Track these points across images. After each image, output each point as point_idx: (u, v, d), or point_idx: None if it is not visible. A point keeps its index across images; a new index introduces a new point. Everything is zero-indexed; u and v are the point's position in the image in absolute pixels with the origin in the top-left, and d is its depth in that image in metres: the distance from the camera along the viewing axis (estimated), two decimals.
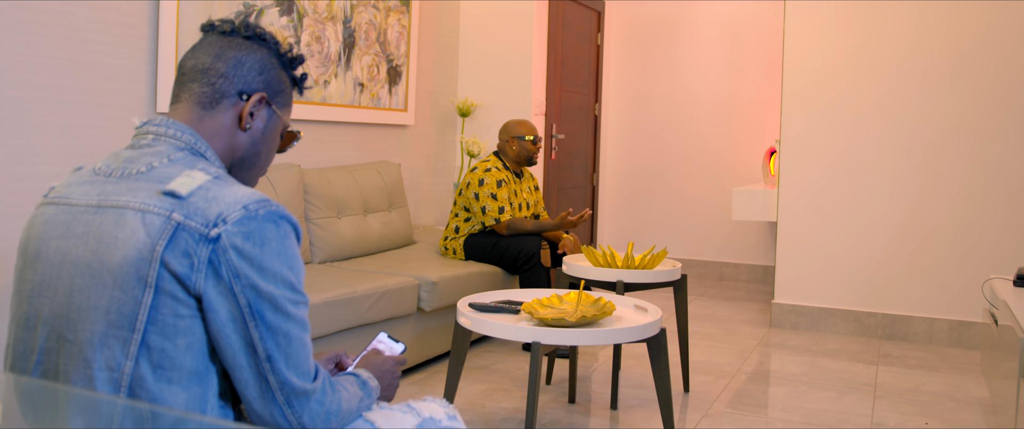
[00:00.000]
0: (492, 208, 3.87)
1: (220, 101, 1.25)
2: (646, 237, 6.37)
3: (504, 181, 3.94)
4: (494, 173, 3.93)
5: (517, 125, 4.06)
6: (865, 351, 4.05)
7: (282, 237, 1.14)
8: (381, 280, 3.18)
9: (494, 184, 3.89)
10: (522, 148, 4.03)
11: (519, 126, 4.05)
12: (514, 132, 4.05)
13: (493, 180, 3.90)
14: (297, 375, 1.15)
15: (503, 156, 4.08)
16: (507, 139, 4.06)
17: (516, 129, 4.05)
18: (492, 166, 3.96)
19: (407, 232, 4.22)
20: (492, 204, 3.87)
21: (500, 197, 3.88)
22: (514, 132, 4.05)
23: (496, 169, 3.96)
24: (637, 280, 3.09)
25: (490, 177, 3.91)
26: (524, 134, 4.03)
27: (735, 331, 4.42)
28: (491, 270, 3.83)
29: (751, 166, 6.00)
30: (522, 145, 4.03)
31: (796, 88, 4.46)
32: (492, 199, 3.88)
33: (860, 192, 4.35)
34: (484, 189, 3.89)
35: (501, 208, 3.87)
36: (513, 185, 4.02)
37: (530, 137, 4.03)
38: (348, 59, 4.22)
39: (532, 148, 4.03)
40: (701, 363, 3.73)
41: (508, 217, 3.87)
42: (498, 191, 3.89)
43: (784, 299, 4.54)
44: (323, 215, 3.67)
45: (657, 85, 6.28)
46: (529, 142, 4.02)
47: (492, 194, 3.88)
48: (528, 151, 4.04)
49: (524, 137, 4.03)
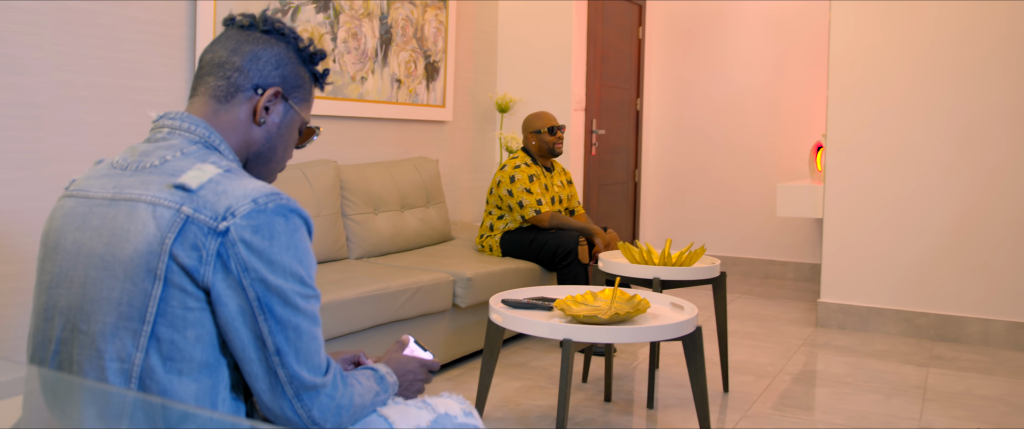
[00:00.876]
0: (529, 202, 3.83)
1: (235, 95, 1.24)
2: (689, 234, 6.27)
3: (535, 176, 3.90)
4: (524, 169, 3.90)
5: (533, 119, 4.02)
6: (915, 353, 3.92)
7: (292, 231, 1.12)
8: (416, 276, 3.17)
9: (526, 179, 3.86)
10: (541, 142, 4.00)
11: (535, 119, 4.02)
12: (531, 127, 4.02)
13: (524, 175, 3.87)
14: (307, 369, 1.13)
15: (530, 152, 4.06)
16: (527, 135, 4.05)
17: (533, 123, 4.02)
18: (521, 162, 3.94)
19: (445, 228, 4.21)
20: (529, 198, 3.84)
21: (535, 190, 3.85)
22: (531, 127, 4.02)
23: (525, 165, 3.93)
24: (674, 277, 3.03)
25: (521, 173, 3.88)
26: (540, 127, 3.99)
27: (779, 331, 4.32)
28: (528, 266, 3.79)
29: (798, 162, 5.86)
30: (541, 139, 4.00)
31: (843, 80, 4.33)
32: (527, 193, 3.84)
33: (910, 187, 4.21)
34: (517, 185, 3.86)
35: (539, 200, 3.84)
36: (544, 179, 3.99)
37: (546, 128, 3.99)
38: (385, 55, 4.22)
39: (551, 139, 3.99)
40: (742, 363, 3.65)
41: (547, 209, 3.83)
42: (531, 185, 3.85)
43: (830, 298, 4.42)
44: (360, 211, 3.67)
45: (701, 79, 6.18)
46: (547, 133, 3.99)
47: (526, 189, 3.85)
48: (548, 143, 4.00)
49: (541, 131, 3.99)
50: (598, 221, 5.51)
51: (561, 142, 4.04)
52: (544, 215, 3.83)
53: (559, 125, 4.04)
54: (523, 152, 4.05)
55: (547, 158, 4.07)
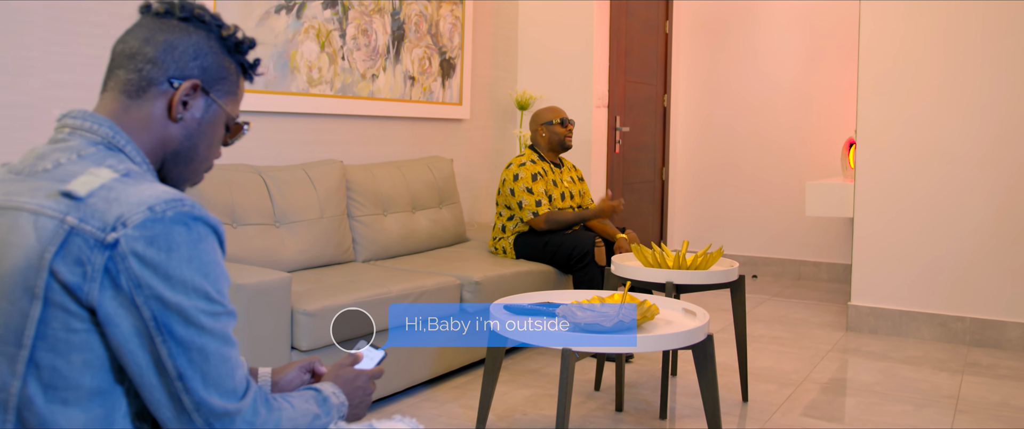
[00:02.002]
0: (529, 203, 3.72)
1: (148, 89, 1.12)
2: (718, 233, 6.09)
3: (540, 174, 3.78)
4: (528, 167, 3.78)
5: (543, 111, 3.94)
6: (950, 359, 3.72)
7: (195, 241, 1.00)
8: (420, 280, 3.06)
9: (529, 178, 3.75)
10: (552, 133, 3.89)
11: (545, 112, 3.93)
12: (541, 119, 3.92)
13: (528, 174, 3.76)
14: (218, 394, 1.02)
15: (537, 148, 3.94)
16: (536, 128, 3.94)
17: (543, 115, 3.92)
18: (527, 160, 3.83)
19: (458, 229, 4.10)
20: (528, 198, 3.72)
21: (537, 191, 3.73)
22: (541, 119, 3.92)
23: (531, 162, 3.82)
24: (689, 281, 2.88)
25: (524, 171, 3.76)
26: (551, 118, 3.89)
27: (807, 335, 4.14)
28: (542, 269, 3.66)
29: (830, 159, 5.65)
30: (551, 130, 3.89)
31: (874, 74, 4.13)
32: (528, 194, 3.73)
33: (945, 184, 4.01)
34: (519, 184, 3.74)
35: (538, 201, 3.72)
36: (552, 176, 3.86)
37: (558, 119, 3.88)
38: (397, 52, 4.12)
39: (562, 131, 3.89)
40: (765, 370, 3.49)
41: (545, 210, 3.71)
42: (534, 185, 3.74)
43: (862, 301, 4.23)
44: (367, 212, 3.58)
45: (730, 74, 5.99)
46: (558, 124, 3.88)
47: (527, 189, 3.74)
48: (559, 135, 3.89)
49: (552, 122, 3.89)
50: (621, 221, 5.36)
51: (571, 135, 3.92)
52: (540, 218, 3.71)
53: (570, 119, 3.93)
54: (529, 149, 3.94)
55: (557, 152, 3.95)
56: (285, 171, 3.27)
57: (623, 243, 3.69)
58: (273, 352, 2.49)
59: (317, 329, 2.59)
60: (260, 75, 1.24)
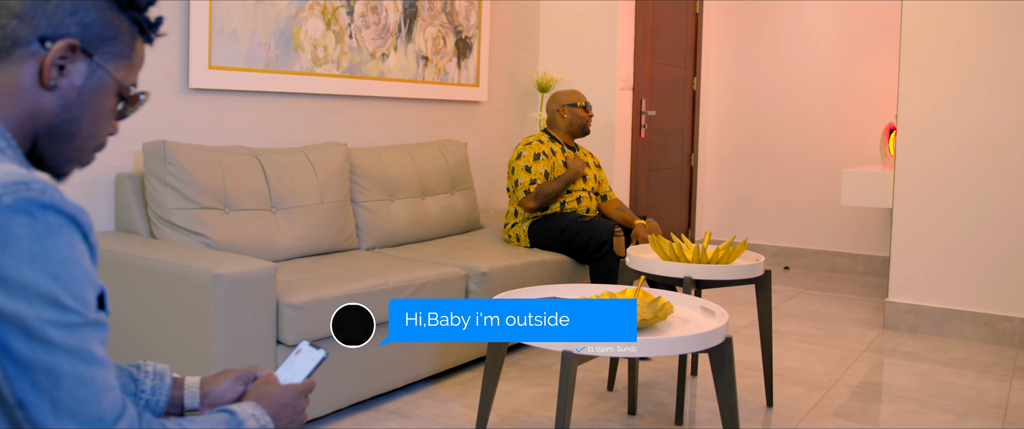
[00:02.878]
0: (524, 182, 3.55)
1: (12, 50, 0.92)
2: (749, 223, 5.83)
3: (544, 154, 3.60)
4: (533, 146, 3.62)
5: (566, 93, 3.77)
6: (996, 363, 3.45)
7: (41, 234, 0.82)
8: (422, 270, 2.88)
9: (530, 157, 3.57)
10: (574, 116, 3.72)
11: (567, 93, 3.77)
12: (563, 100, 3.75)
13: (530, 153, 3.59)
14: (75, 422, 0.83)
15: (554, 130, 3.78)
16: (556, 109, 3.77)
17: (565, 97, 3.76)
18: (534, 140, 3.67)
19: (472, 216, 3.91)
20: (524, 177, 3.55)
21: (535, 170, 3.55)
22: (563, 100, 3.75)
23: (538, 142, 3.66)
24: (709, 277, 2.66)
25: (528, 150, 3.59)
26: (574, 101, 3.74)
27: (840, 333, 3.89)
28: (557, 259, 3.46)
29: (869, 145, 5.36)
30: (574, 113, 3.72)
31: (916, 53, 3.85)
32: (525, 173, 3.55)
33: (992, 173, 3.72)
34: (520, 163, 3.57)
35: (533, 180, 3.53)
36: (562, 157, 3.67)
37: (582, 103, 3.74)
38: (409, 31, 3.93)
39: (585, 115, 3.74)
40: (793, 371, 3.26)
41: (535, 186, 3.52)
42: (534, 164, 3.55)
43: (900, 297, 3.97)
44: (373, 198, 3.40)
45: (763, 56, 5.71)
46: (581, 108, 3.72)
47: (526, 167, 3.55)
48: (581, 119, 3.73)
49: (575, 104, 3.73)
50: (645, 209, 5.13)
51: (590, 122, 3.76)
52: (529, 196, 3.52)
53: (590, 104, 3.78)
54: (543, 132, 3.76)
55: (575, 136, 3.77)
56: (284, 154, 3.10)
57: (641, 231, 3.47)
58: (256, 348, 2.32)
59: (304, 323, 2.42)
60: (162, 36, 1.04)
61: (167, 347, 2.34)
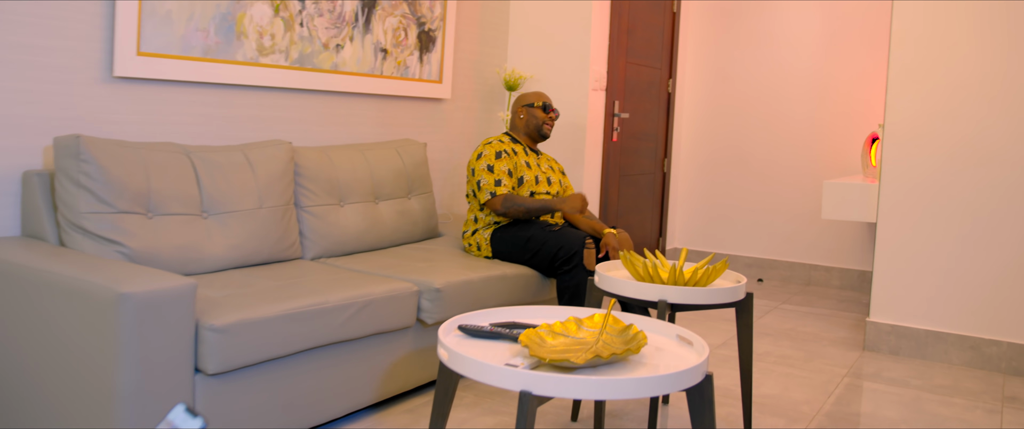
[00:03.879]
0: (487, 182, 3.29)
1: None
2: (723, 232, 5.60)
3: (506, 153, 3.37)
4: (495, 145, 3.39)
5: (527, 94, 3.56)
6: (985, 391, 3.24)
7: None
8: (367, 286, 2.59)
9: (491, 155, 3.34)
10: (531, 116, 3.51)
11: (529, 94, 3.56)
12: (523, 100, 3.54)
13: (491, 151, 3.35)
14: None
15: (515, 131, 3.57)
16: (516, 109, 3.57)
17: (525, 97, 3.55)
18: (495, 139, 3.45)
19: (430, 223, 3.63)
20: (487, 178, 3.30)
21: (498, 169, 3.31)
22: (523, 100, 3.54)
23: (499, 141, 3.43)
24: (685, 300, 2.41)
25: (490, 149, 3.36)
26: (533, 100, 3.52)
27: (819, 354, 3.66)
28: (520, 273, 3.19)
29: (849, 155, 5.16)
30: (530, 113, 3.51)
31: (906, 59, 3.64)
32: (487, 173, 3.30)
33: (984, 189, 3.52)
34: (481, 163, 3.33)
35: (498, 181, 3.28)
36: (524, 157, 3.42)
37: (540, 103, 3.51)
38: (367, 21, 3.63)
39: (542, 116, 3.51)
40: (772, 399, 3.02)
41: (504, 190, 3.26)
42: (496, 163, 3.31)
43: (882, 317, 3.75)
44: (319, 202, 3.10)
45: (742, 59, 5.48)
46: (539, 109, 3.50)
47: (487, 166, 3.30)
48: (537, 119, 3.51)
49: (532, 104, 3.51)
50: (616, 216, 4.88)
51: (551, 124, 3.53)
52: (497, 199, 3.28)
53: (553, 107, 3.54)
54: (504, 134, 3.53)
55: (534, 139, 3.55)
56: (220, 152, 2.80)
57: (611, 241, 3.21)
58: (170, 379, 2.02)
59: (228, 348, 2.12)
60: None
61: (67, 377, 2.03)
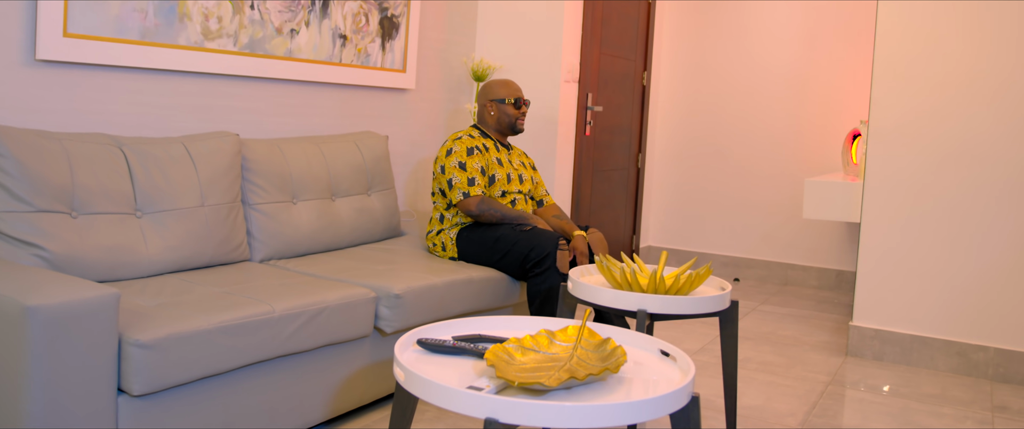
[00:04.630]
0: (460, 181, 3.08)
1: None
2: (698, 231, 5.43)
3: (479, 149, 3.15)
4: (465, 141, 3.16)
5: (496, 86, 3.30)
6: (974, 399, 3.09)
7: None
8: (321, 292, 2.36)
9: (463, 152, 3.11)
10: (503, 114, 3.28)
11: (498, 87, 3.30)
12: (491, 94, 3.30)
13: (462, 148, 3.12)
14: None
15: (483, 125, 3.34)
16: (484, 103, 3.33)
17: (494, 90, 3.29)
18: (465, 135, 3.21)
19: (391, 221, 3.40)
20: (460, 176, 3.08)
21: (470, 167, 3.08)
22: (491, 94, 3.30)
23: (469, 136, 3.20)
24: (666, 310, 2.21)
25: (459, 145, 3.13)
26: (504, 95, 3.27)
27: (801, 360, 3.50)
28: (487, 276, 2.98)
29: (829, 152, 5.01)
30: (501, 110, 3.28)
31: (892, 55, 3.47)
32: (459, 171, 3.08)
33: (971, 190, 3.37)
34: (450, 160, 3.10)
35: (471, 179, 3.07)
36: (496, 154, 3.21)
37: (512, 99, 3.28)
38: (325, 4, 3.39)
39: (514, 112, 3.29)
40: (755, 411, 2.84)
41: (479, 191, 3.04)
42: (468, 160, 3.09)
43: (866, 321, 3.59)
44: (270, 199, 2.86)
45: (719, 52, 5.31)
46: (511, 104, 3.27)
47: (459, 164, 3.08)
48: (509, 117, 3.28)
49: (503, 100, 3.28)
50: (588, 214, 4.68)
51: (523, 119, 3.30)
52: (471, 200, 3.06)
53: (525, 99, 3.31)
54: (473, 127, 3.30)
55: (505, 135, 3.32)
56: (157, 144, 2.55)
57: (580, 244, 3.01)
58: (89, 402, 1.78)
59: (157, 366, 1.88)
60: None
61: None
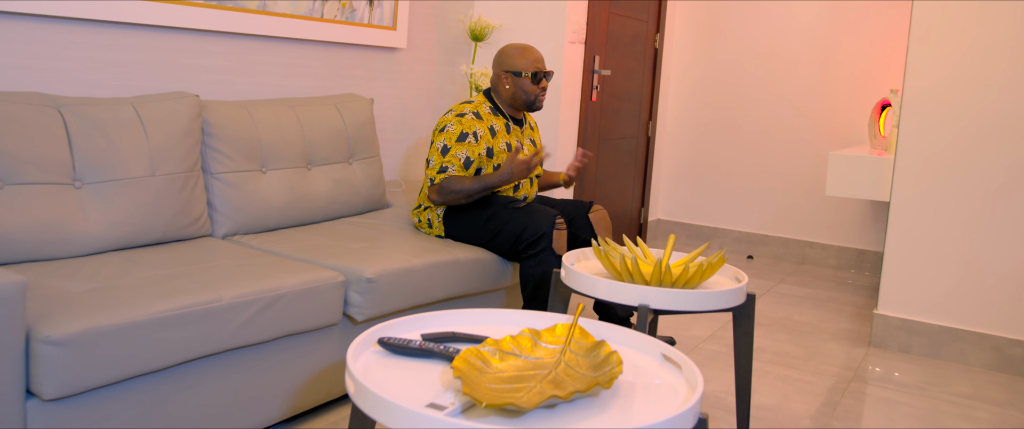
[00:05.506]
0: (433, 165, 2.76)
1: None
2: (709, 204, 5.13)
3: (479, 134, 2.80)
4: (467, 121, 2.80)
5: (515, 54, 2.88)
6: (1012, 400, 2.80)
7: None
8: (280, 276, 2.08)
9: (454, 135, 2.77)
10: (518, 88, 2.88)
11: (517, 56, 2.87)
12: (511, 64, 2.87)
13: (457, 130, 2.78)
14: None
15: (496, 96, 2.94)
16: (498, 74, 2.91)
17: (513, 60, 2.87)
18: (470, 111, 2.84)
19: (374, 193, 3.11)
20: (436, 160, 2.77)
21: (452, 154, 2.76)
22: (511, 64, 2.87)
23: (473, 115, 2.83)
24: (672, 305, 1.92)
25: (456, 125, 2.78)
26: (523, 68, 2.86)
27: (820, 351, 3.21)
28: (475, 257, 2.69)
29: (854, 123, 4.67)
30: (518, 84, 2.87)
31: (930, 18, 3.13)
32: (439, 154, 2.76)
33: (1015, 168, 3.05)
34: (440, 139, 2.78)
35: (444, 167, 2.74)
36: (504, 137, 2.87)
37: (531, 72, 2.86)
38: None
39: (534, 88, 2.87)
40: (770, 411, 2.56)
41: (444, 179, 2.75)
42: (455, 145, 2.76)
43: (892, 310, 3.30)
44: (235, 168, 2.57)
45: (737, 14, 4.96)
46: (530, 79, 2.85)
47: (443, 147, 2.76)
48: (527, 93, 2.88)
49: (522, 73, 2.86)
50: (594, 184, 4.38)
51: (544, 95, 2.91)
52: (434, 188, 2.76)
53: (547, 71, 2.90)
54: (483, 95, 2.94)
55: (520, 111, 2.96)
56: (102, 106, 2.26)
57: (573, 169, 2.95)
58: None
59: (73, 366, 1.61)
60: None
61: None
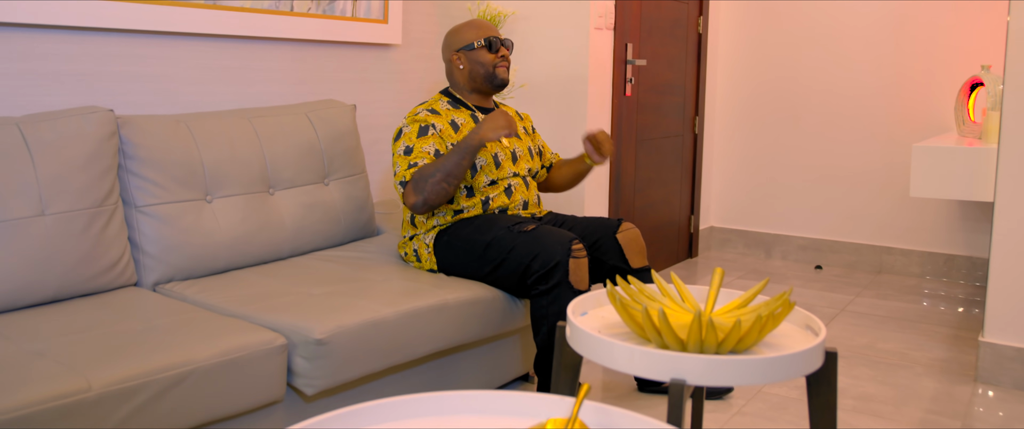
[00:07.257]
0: (400, 170, 2.27)
1: None
2: (769, 209, 4.51)
3: (438, 127, 2.32)
4: (423, 115, 2.33)
5: (461, 29, 2.44)
6: None
7: None
8: (186, 346, 1.56)
9: (413, 133, 2.30)
10: (474, 63, 2.42)
11: (464, 29, 2.44)
12: (455, 42, 2.45)
13: (414, 128, 2.30)
14: None
15: (454, 90, 2.48)
16: (450, 59, 2.47)
17: (458, 36, 2.44)
18: (424, 109, 2.39)
19: (359, 217, 2.60)
20: (402, 163, 2.27)
21: (418, 151, 2.27)
22: (455, 42, 2.45)
23: (429, 111, 2.36)
24: (719, 380, 1.35)
25: (413, 124, 2.32)
26: (471, 39, 2.41)
27: (915, 392, 2.59)
28: (473, 297, 2.15)
29: (937, 107, 4.01)
30: (472, 59, 2.41)
31: None
32: (403, 157, 2.27)
33: None
34: (398, 145, 2.30)
35: (413, 164, 2.23)
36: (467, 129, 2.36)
37: (482, 40, 2.42)
38: None
39: (490, 58, 2.42)
40: None
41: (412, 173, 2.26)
42: (418, 142, 2.27)
43: (1003, 337, 2.66)
44: (168, 198, 2.08)
45: None
46: (483, 49, 2.41)
47: (405, 148, 2.27)
48: (484, 66, 2.42)
49: (472, 45, 2.41)
50: (632, 192, 3.81)
51: (506, 65, 2.43)
52: (407, 192, 2.26)
53: (502, 38, 2.42)
54: (440, 94, 2.45)
55: (485, 94, 2.46)
56: None
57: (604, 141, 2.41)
58: None
59: None
60: None
61: None
